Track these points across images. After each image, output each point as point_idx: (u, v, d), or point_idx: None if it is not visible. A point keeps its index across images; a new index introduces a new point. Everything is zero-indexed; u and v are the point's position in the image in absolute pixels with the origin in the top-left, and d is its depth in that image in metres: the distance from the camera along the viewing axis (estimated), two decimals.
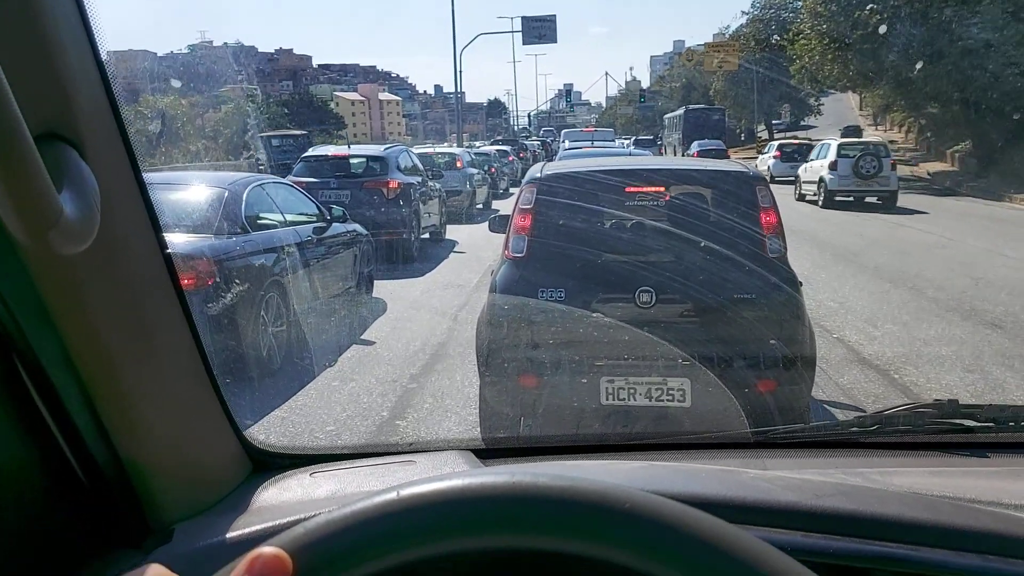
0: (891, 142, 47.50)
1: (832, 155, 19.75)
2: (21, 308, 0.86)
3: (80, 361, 0.93)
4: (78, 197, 0.73)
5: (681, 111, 47.25)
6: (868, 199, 19.52)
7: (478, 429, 4.61)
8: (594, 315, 3.97)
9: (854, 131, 32.21)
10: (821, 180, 19.83)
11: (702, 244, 4.06)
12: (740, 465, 1.32)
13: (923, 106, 30.55)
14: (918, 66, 23.56)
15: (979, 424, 1.48)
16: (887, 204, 19.08)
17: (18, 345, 0.90)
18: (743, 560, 0.57)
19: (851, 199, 19.65)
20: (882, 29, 24.89)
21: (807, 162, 22.17)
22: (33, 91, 0.75)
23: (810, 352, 4.05)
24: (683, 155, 35.83)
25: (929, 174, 30.11)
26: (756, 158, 30.22)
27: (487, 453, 1.42)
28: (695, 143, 35.63)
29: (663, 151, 39.58)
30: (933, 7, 24.39)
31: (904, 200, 19.53)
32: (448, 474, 0.80)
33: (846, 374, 5.82)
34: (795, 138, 34.69)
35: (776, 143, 29.39)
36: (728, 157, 32.66)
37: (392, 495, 0.64)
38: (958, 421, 1.48)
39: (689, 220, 4.33)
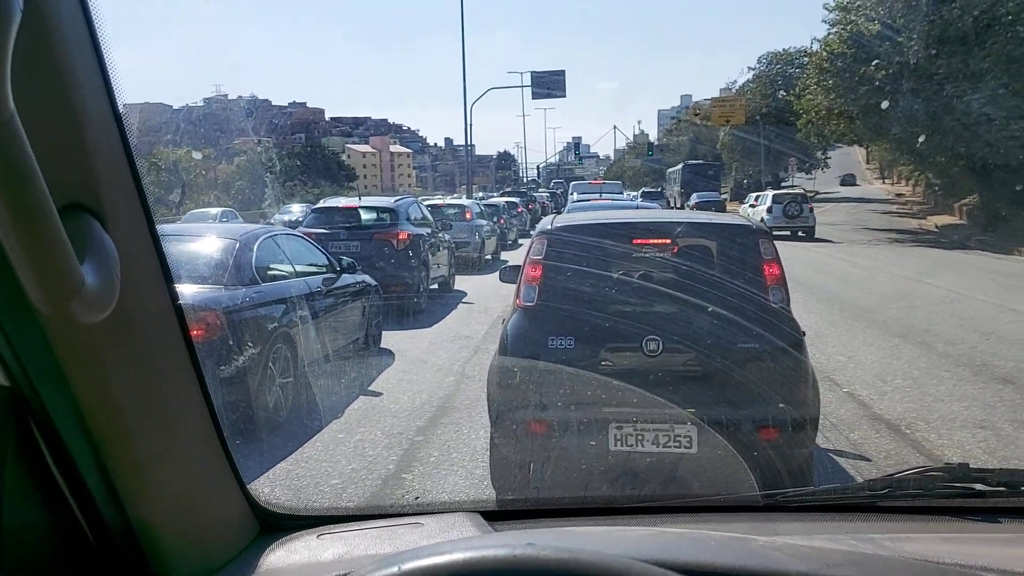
0: (898, 195, 48.04)
1: (768, 202, 28.15)
2: (38, 373, 0.88)
3: (94, 424, 0.94)
4: (100, 268, 0.75)
5: (680, 166, 50.82)
6: (797, 233, 26.94)
7: (485, 483, 4.58)
8: (602, 364, 4.00)
9: (851, 179, 37.30)
10: (761, 220, 24.30)
11: (706, 296, 4.10)
12: (749, 530, 1.31)
13: (929, 162, 30.78)
14: (920, 139, 24.58)
15: (990, 488, 1.46)
16: (808, 236, 26.69)
17: (34, 408, 0.92)
18: None
19: (784, 233, 26.07)
20: (884, 105, 25.48)
21: (751, 207, 29.66)
22: (59, 164, 0.77)
23: (814, 405, 4.06)
24: (683, 205, 38.70)
25: (937, 227, 30.15)
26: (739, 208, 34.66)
27: (494, 515, 1.41)
28: (694, 194, 39.32)
29: (669, 202, 40.71)
30: (933, 83, 24.79)
31: (913, 252, 19.80)
32: (450, 543, 0.80)
33: (857, 429, 5.77)
34: (791, 189, 38.34)
35: (754, 194, 34.41)
36: (725, 207, 35.87)
37: (393, 569, 0.64)
38: (969, 485, 1.47)
39: (695, 271, 4.38)
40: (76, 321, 0.76)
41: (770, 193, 29.80)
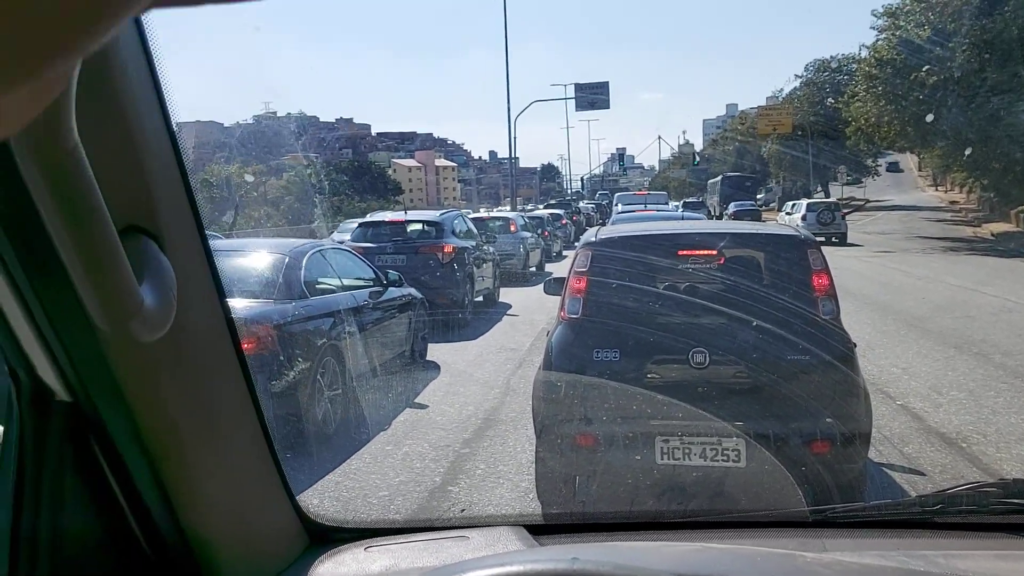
0: (952, 202, 46.95)
1: (803, 210, 29.92)
2: (97, 389, 0.91)
3: (149, 439, 0.97)
4: (157, 288, 0.78)
5: (720, 178, 52.63)
6: (831, 239, 27.70)
7: (531, 496, 4.57)
8: (648, 376, 3.98)
9: (895, 166, 38.79)
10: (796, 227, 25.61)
11: (754, 307, 4.06)
12: (798, 546, 1.30)
13: (984, 168, 30.07)
14: (968, 151, 24.14)
15: None
16: (840, 241, 27.99)
17: (93, 423, 0.95)
18: None
19: (819, 239, 25.31)
20: (929, 118, 25.11)
21: (787, 215, 31.46)
22: (118, 187, 0.80)
23: (866, 420, 3.98)
24: (722, 215, 40.90)
25: (993, 235, 29.36)
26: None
27: (540, 529, 1.42)
28: (732, 204, 41.40)
29: (709, 212, 41.18)
30: (980, 94, 24.25)
31: (968, 260, 19.42)
32: (497, 557, 0.81)
33: (911, 442, 5.64)
34: (839, 198, 40.51)
35: (790, 203, 36.18)
36: (760, 216, 37.80)
37: None
38: None
39: (742, 283, 4.34)
40: (134, 339, 0.79)
41: (805, 202, 32.57)
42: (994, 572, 1.16)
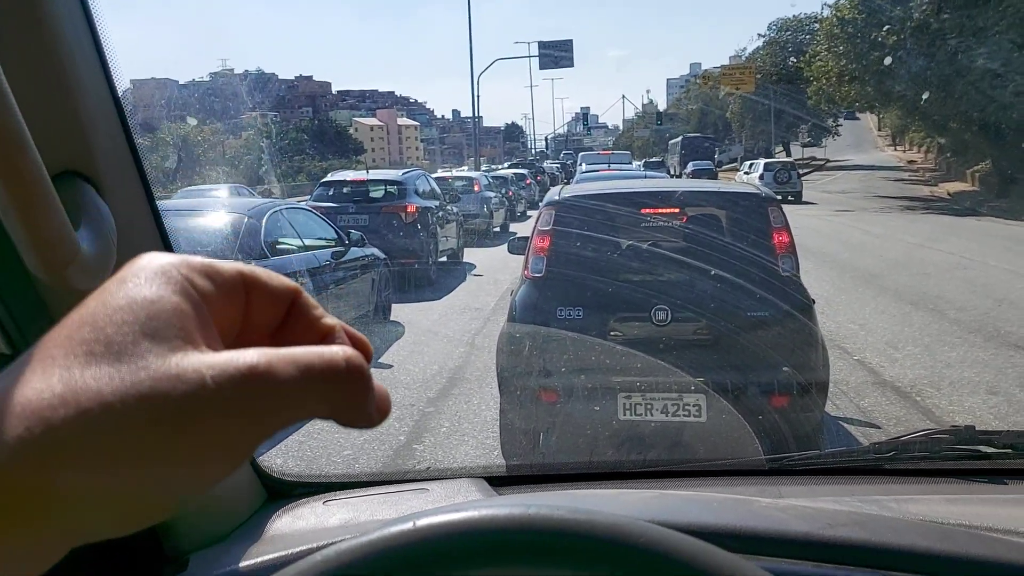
0: (910, 162, 47.67)
1: (760, 169, 31.02)
2: (37, 338, 0.88)
3: None
4: (95, 234, 0.75)
5: (680, 139, 53.92)
6: (787, 197, 27.66)
7: (495, 453, 4.61)
8: (611, 334, 4.01)
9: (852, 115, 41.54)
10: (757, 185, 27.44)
11: (716, 264, 4.10)
12: (754, 493, 1.31)
13: (941, 127, 30.51)
14: (924, 95, 24.35)
15: (997, 450, 1.46)
16: (796, 199, 28.70)
17: None
18: None
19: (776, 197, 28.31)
20: (887, 61, 25.28)
21: (745, 174, 32.16)
22: (51, 130, 0.77)
23: (823, 371, 4.06)
24: (681, 174, 42.34)
25: (949, 194, 29.91)
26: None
27: (501, 481, 1.42)
28: (690, 163, 42.89)
29: (669, 171, 42.23)
30: (942, 41, 24.44)
31: (925, 219, 19.81)
32: (466, 503, 0.80)
33: (867, 396, 5.77)
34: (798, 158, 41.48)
35: (747, 162, 37.43)
36: (716, 174, 39.53)
37: (408, 525, 0.64)
38: (975, 447, 1.47)
39: (704, 240, 4.37)
40: (74, 288, 0.76)
41: (762, 161, 33.90)
42: (945, 515, 1.18)
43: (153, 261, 0.35)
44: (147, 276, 0.34)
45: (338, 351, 0.36)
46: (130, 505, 0.31)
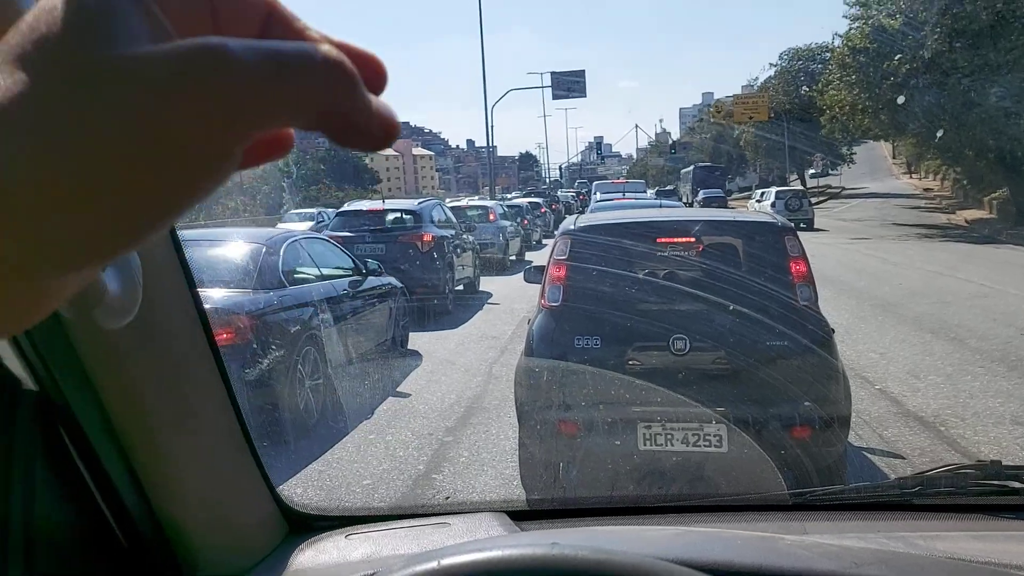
0: (926, 190, 47.44)
1: (772, 197, 31.75)
2: (65, 378, 0.89)
3: (121, 429, 0.95)
4: (122, 274, 0.76)
5: (692, 167, 56.18)
6: (799, 225, 26.75)
7: (514, 483, 4.58)
8: (629, 363, 4.00)
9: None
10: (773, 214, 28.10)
11: (733, 294, 4.09)
12: (778, 529, 1.30)
13: (957, 156, 30.42)
14: (939, 134, 24.41)
15: None
16: (807, 227, 28.47)
17: (62, 414, 0.93)
18: None
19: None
20: (900, 100, 25.32)
21: (757, 202, 33.38)
22: None
23: (845, 402, 4.02)
24: (693, 202, 43.39)
25: (967, 222, 29.71)
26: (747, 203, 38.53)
27: (522, 515, 1.42)
28: (701, 191, 44.66)
29: (681, 199, 42.85)
30: (952, 78, 24.47)
31: (943, 247, 19.79)
32: (488, 540, 0.80)
33: (890, 426, 5.70)
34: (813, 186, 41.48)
35: (759, 190, 38.59)
36: (726, 202, 41.12)
37: (433, 564, 0.64)
38: (1002, 483, 1.45)
39: (720, 270, 4.36)
40: (100, 328, 0.77)
41: (774, 189, 34.81)
42: (972, 553, 1.17)
43: None
44: None
45: (313, 46, 0.32)
46: (97, 216, 0.29)
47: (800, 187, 40.76)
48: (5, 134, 0.28)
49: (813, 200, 37.77)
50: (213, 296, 6.02)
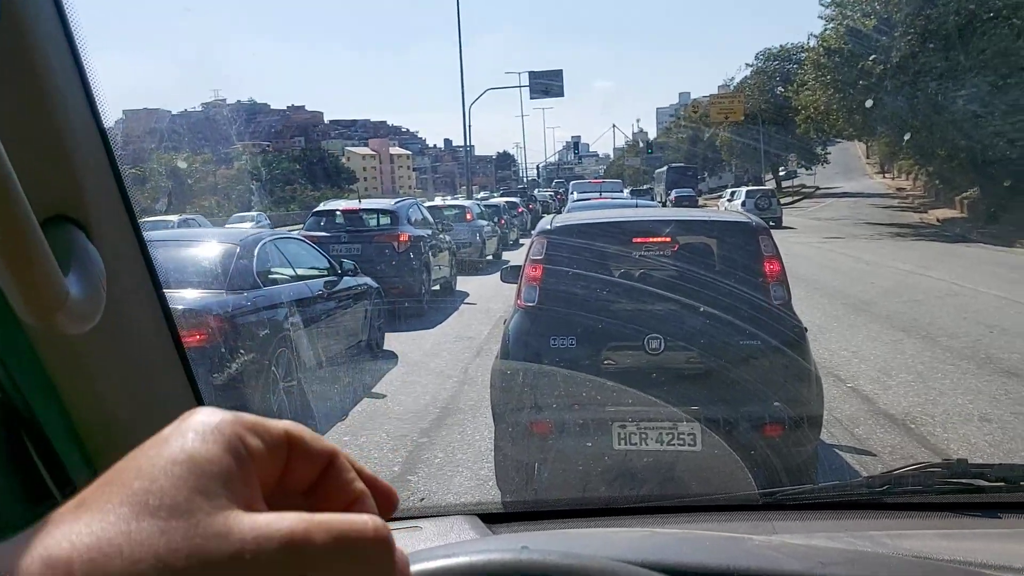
0: (899, 189, 48.03)
1: (742, 196, 33.26)
2: (28, 384, 0.87)
3: (86, 434, 0.93)
4: (84, 279, 0.75)
5: (665, 168, 57.32)
6: (768, 222, 29.07)
7: (490, 484, 4.58)
8: (604, 363, 4.01)
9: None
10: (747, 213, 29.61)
11: (707, 293, 4.11)
12: (748, 528, 1.31)
13: (928, 156, 30.84)
14: (906, 136, 24.85)
15: (990, 484, 1.46)
16: (776, 225, 28.47)
17: (25, 420, 0.91)
18: None
19: None
20: (868, 104, 25.73)
21: (728, 201, 35.04)
22: (40, 174, 0.77)
23: (817, 401, 4.06)
24: (665, 201, 44.76)
25: (939, 221, 30.12)
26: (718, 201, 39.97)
27: (494, 518, 1.41)
28: (674, 191, 46.74)
29: (655, 198, 43.61)
30: (921, 81, 24.86)
31: (915, 246, 20.07)
32: (458, 545, 0.79)
33: (861, 424, 5.76)
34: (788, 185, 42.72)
35: (730, 189, 40.37)
36: (696, 201, 42.85)
37: None
38: (968, 481, 1.46)
39: (695, 269, 4.39)
40: (62, 333, 0.76)
41: (744, 189, 36.52)
42: (939, 551, 1.18)
43: (209, 417, 0.37)
44: (203, 432, 0.36)
45: (368, 520, 0.37)
46: None
47: (770, 187, 42.16)
48: None
49: (790, 200, 39.24)
50: (185, 297, 5.96)
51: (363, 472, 0.44)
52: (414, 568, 0.65)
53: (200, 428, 0.36)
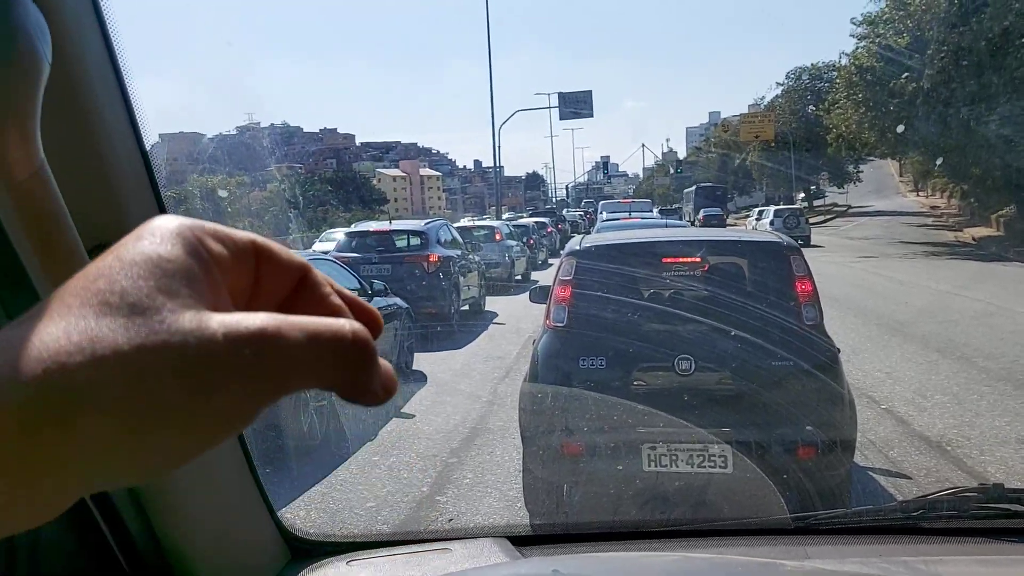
0: (933, 207, 47.36)
1: (771, 216, 33.49)
2: None
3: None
4: None
5: (694, 188, 57.23)
6: (797, 240, 29.53)
7: (518, 505, 4.56)
8: (634, 384, 3.99)
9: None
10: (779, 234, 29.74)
11: (739, 313, 4.08)
12: (780, 554, 1.30)
13: (963, 174, 30.41)
14: (939, 161, 24.58)
15: None
16: (804, 244, 26.94)
17: None
18: None
19: None
20: (900, 129, 25.52)
21: (756, 220, 35.52)
22: (87, 205, 0.80)
23: (851, 423, 4.00)
24: (694, 221, 44.47)
25: (975, 239, 29.63)
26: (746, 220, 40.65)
27: (524, 540, 1.41)
28: (702, 210, 45.79)
29: (682, 218, 43.52)
30: (952, 105, 24.59)
31: (950, 265, 19.91)
32: (488, 569, 0.80)
33: (895, 446, 5.67)
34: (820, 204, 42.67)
35: (758, 209, 40.96)
36: (724, 221, 42.57)
37: None
38: (1005, 506, 1.44)
39: (726, 290, 4.36)
40: None
41: (772, 208, 36.55)
42: None
43: (169, 222, 0.36)
44: (162, 235, 0.35)
45: (345, 323, 0.37)
46: (147, 456, 0.32)
47: (799, 206, 42.12)
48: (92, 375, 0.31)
49: (821, 219, 39.08)
50: None
51: (343, 292, 0.42)
52: None
53: (159, 232, 0.35)
